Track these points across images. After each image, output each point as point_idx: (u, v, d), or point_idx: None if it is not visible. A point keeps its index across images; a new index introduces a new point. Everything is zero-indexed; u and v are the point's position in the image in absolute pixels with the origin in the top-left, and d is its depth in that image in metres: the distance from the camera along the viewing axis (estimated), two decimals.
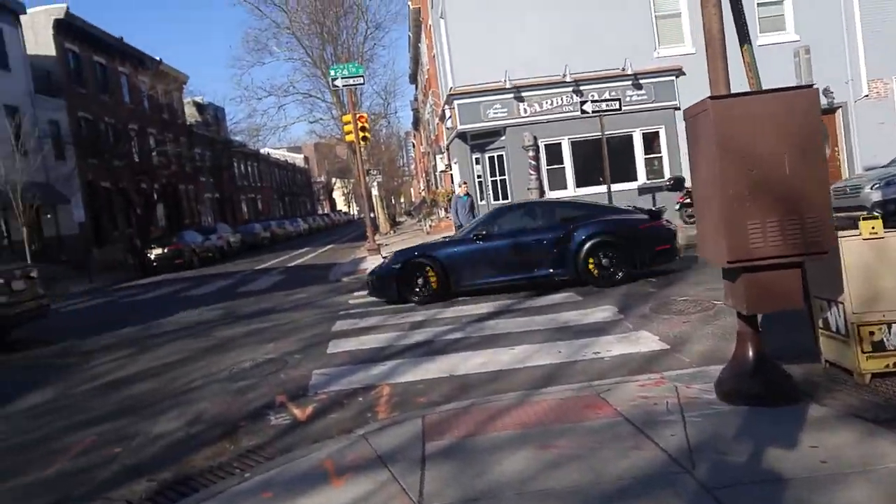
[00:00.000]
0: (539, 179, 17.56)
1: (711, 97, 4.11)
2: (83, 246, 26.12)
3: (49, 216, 25.81)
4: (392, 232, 33.81)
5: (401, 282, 10.25)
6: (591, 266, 9.73)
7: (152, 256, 23.49)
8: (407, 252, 10.97)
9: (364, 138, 18.91)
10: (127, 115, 29.10)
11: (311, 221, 51.87)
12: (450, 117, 17.34)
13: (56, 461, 5.07)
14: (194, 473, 4.62)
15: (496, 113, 17.39)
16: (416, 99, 45.32)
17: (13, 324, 10.74)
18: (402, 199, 73.81)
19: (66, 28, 28.79)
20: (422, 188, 58.61)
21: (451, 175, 22.58)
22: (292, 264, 22.35)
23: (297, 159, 77.22)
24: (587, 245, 9.66)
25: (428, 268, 10.20)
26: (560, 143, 17.83)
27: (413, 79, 41.56)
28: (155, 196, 29.73)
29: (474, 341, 7.51)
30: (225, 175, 44.19)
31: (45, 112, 26.08)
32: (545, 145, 17.70)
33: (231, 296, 14.34)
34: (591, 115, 14.70)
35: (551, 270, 9.96)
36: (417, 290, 10.21)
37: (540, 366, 6.30)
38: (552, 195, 17.91)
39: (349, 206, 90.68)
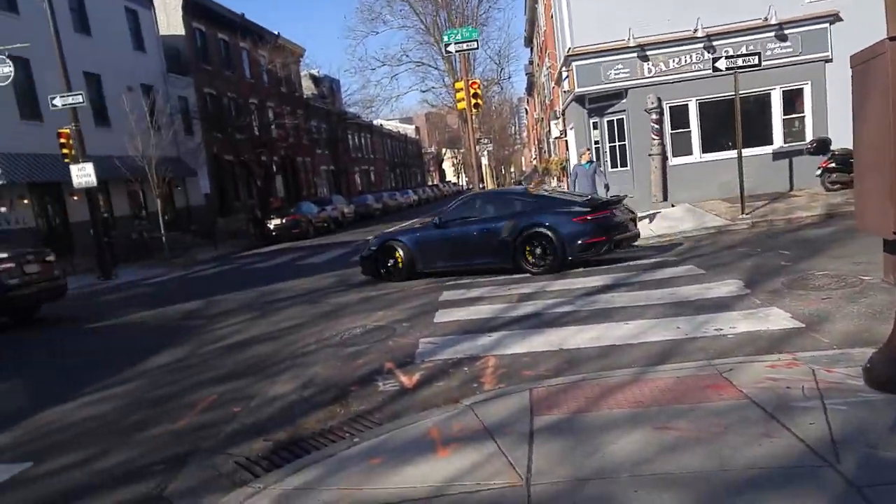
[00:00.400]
0: (662, 144, 16.64)
1: (892, 37, 3.53)
2: (209, 216, 27.91)
3: (179, 188, 27.75)
4: None
5: (377, 261, 11.21)
6: (527, 255, 10.16)
7: (272, 226, 24.69)
8: (383, 236, 11.87)
9: (476, 105, 18.66)
10: (248, 90, 30.57)
11: (420, 193, 52.49)
12: (566, 79, 16.72)
13: (184, 416, 5.37)
14: (307, 435, 4.73)
15: (617, 74, 16.57)
16: (530, 63, 44.32)
17: (29, 304, 11.39)
18: (512, 169, 73.10)
19: (193, 8, 30.51)
20: (533, 157, 57.69)
21: (566, 142, 21.93)
22: None
23: (409, 130, 78.29)
24: (522, 236, 10.12)
25: (397, 251, 11.07)
26: (686, 105, 16.73)
27: (528, 41, 40.57)
28: (274, 168, 31.14)
29: (586, 315, 7.22)
30: (340, 147, 45.58)
31: (175, 89, 27.91)
32: (670, 107, 16.69)
33: (345, 264, 14.76)
34: (724, 72, 13.48)
35: (492, 259, 10.47)
36: (386, 270, 11.16)
37: (656, 342, 5.95)
38: (675, 161, 16.95)
39: (458, 177, 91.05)
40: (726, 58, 13.79)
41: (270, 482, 3.89)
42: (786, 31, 16.26)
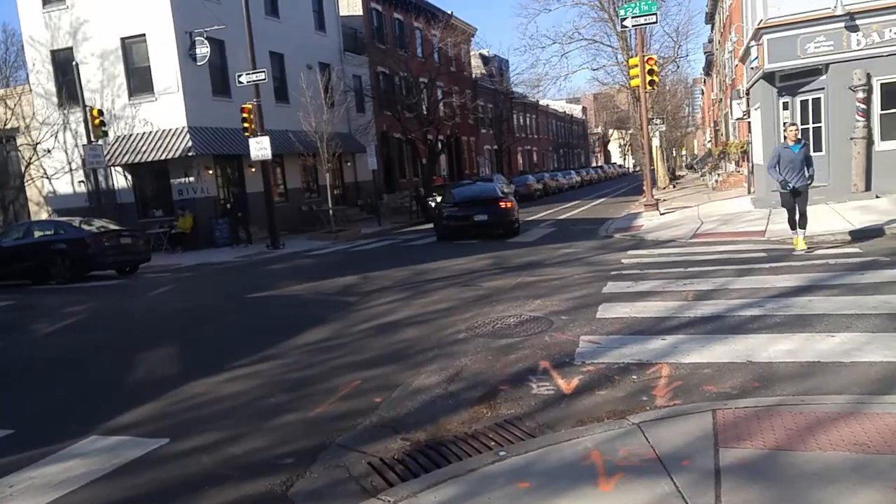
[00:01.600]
0: (868, 127, 14.22)
1: None
2: (375, 192, 28.75)
3: (348, 164, 28.84)
4: (671, 186, 31.26)
5: None
6: None
7: (433, 204, 24.80)
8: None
9: (651, 83, 17.19)
10: (418, 69, 30.96)
11: (583, 174, 50.67)
12: (756, 57, 14.80)
13: (321, 403, 5.12)
14: (447, 439, 4.25)
15: (818, 47, 14.33)
16: (710, 41, 40.75)
17: (119, 265, 15.71)
18: (683, 152, 68.47)
19: None
20: (707, 140, 53.47)
21: (748, 124, 19.67)
22: (562, 217, 21.82)
23: (576, 110, 76.03)
24: None
25: None
26: None
27: (709, 18, 37.21)
28: (439, 147, 31.38)
29: (778, 321, 6.09)
30: (504, 127, 45.16)
31: (350, 68, 28.95)
32: (881, 84, 14.20)
33: (502, 246, 14.27)
34: None
35: None
36: None
37: (875, 363, 4.82)
38: (884, 146, 14.45)
39: (624, 159, 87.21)
40: None
41: (402, 497, 3.43)
42: None
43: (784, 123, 15.05)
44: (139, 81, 21.12)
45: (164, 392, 5.74)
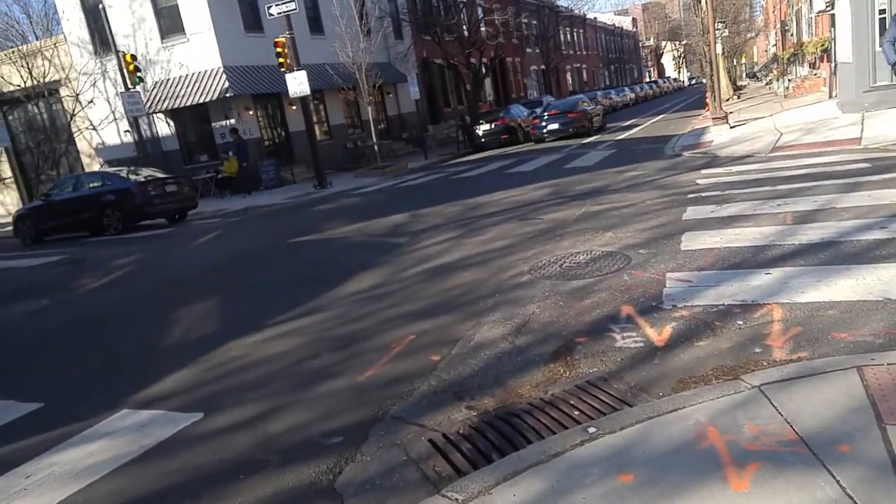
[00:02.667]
0: None
1: None
2: (419, 123, 27.66)
3: (391, 94, 27.71)
4: (735, 97, 29.03)
5: None
6: None
7: (480, 132, 23.64)
8: None
9: None
10: None
11: (637, 90, 48.00)
12: None
13: (372, 364, 4.46)
14: (521, 407, 3.55)
15: None
16: None
17: (166, 213, 15.40)
18: (743, 60, 64.08)
19: None
20: (771, 45, 49.58)
21: (832, 16, 17.53)
22: (620, 137, 20.38)
23: (625, 22, 71.72)
24: None
25: None
26: None
27: None
28: (483, 70, 29.79)
29: None
30: (550, 44, 42.73)
31: None
32: None
33: (559, 172, 13.23)
34: None
35: None
36: None
37: None
38: None
39: (679, 72, 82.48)
40: None
41: (473, 493, 2.73)
42: None
43: (881, 11, 13.22)
44: (170, 22, 20.32)
45: (201, 355, 5.20)
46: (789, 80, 25.70)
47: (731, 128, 15.70)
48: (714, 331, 4.19)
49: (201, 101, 19.43)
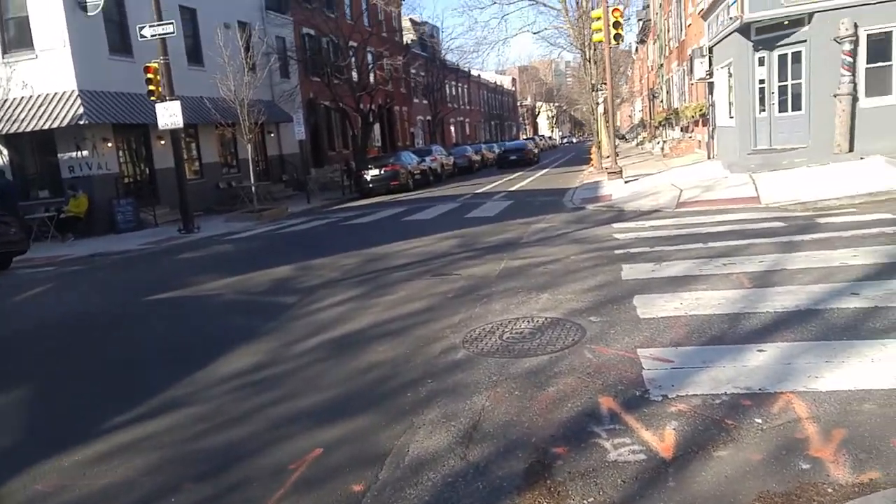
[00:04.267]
0: (853, 82, 12.99)
1: None
2: (302, 166, 26.04)
3: (272, 134, 25.91)
4: (616, 155, 29.95)
5: None
6: None
7: (368, 178, 22.45)
8: None
9: (616, 37, 15.46)
10: (348, 32, 28.10)
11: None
12: (734, 2, 13.23)
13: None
14: None
15: None
16: (645, 7, 39.62)
17: None
18: (619, 122, 68.35)
19: None
20: (637, 110, 53.08)
21: (710, 84, 18.34)
22: (513, 189, 19.97)
23: (505, 81, 74.24)
24: None
25: None
26: (891, 33, 12.93)
27: None
28: (371, 117, 28.84)
29: None
30: (437, 96, 42.80)
31: (272, 28, 25.85)
32: (867, 35, 12.96)
33: (459, 222, 12.23)
34: None
35: None
36: None
37: None
38: (867, 104, 13.27)
39: (552, 131, 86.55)
40: None
41: None
42: None
43: (761, 82, 13.72)
44: (16, 35, 17.56)
45: None
46: (664, 142, 26.89)
47: (626, 182, 15.63)
48: (730, 434, 3.17)
49: (47, 126, 16.74)
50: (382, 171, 22.30)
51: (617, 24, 15.39)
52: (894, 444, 2.93)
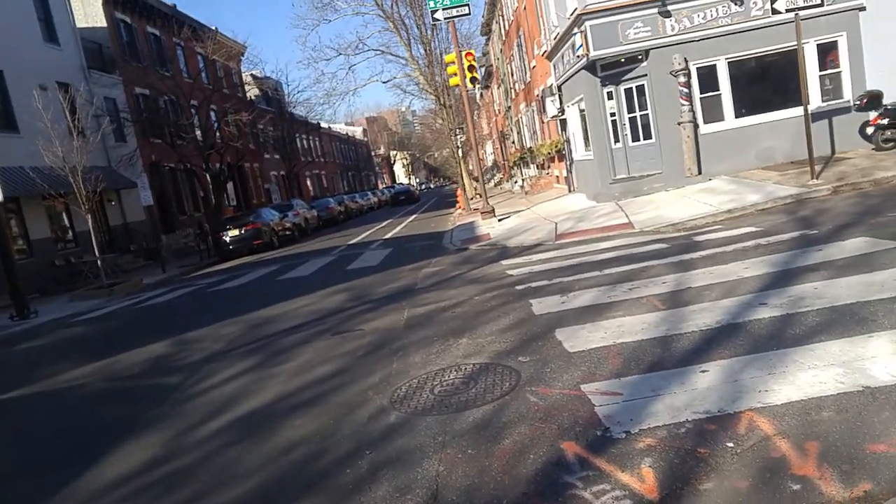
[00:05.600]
0: (692, 111, 14.20)
1: None
2: (152, 233, 24.09)
3: (113, 203, 23.75)
4: (478, 196, 30.75)
5: None
6: None
7: (228, 239, 21.14)
8: None
9: (472, 80, 15.84)
10: (187, 90, 26.71)
11: (378, 195, 49.34)
12: (581, 45, 14.08)
13: None
14: None
15: (637, 33, 14.00)
16: (485, 54, 41.62)
17: None
18: (471, 166, 70.90)
19: None
20: (489, 152, 55.32)
21: (562, 122, 19.34)
22: (387, 236, 19.66)
23: (357, 132, 74.59)
24: None
25: None
26: (715, 66, 14.34)
27: (486, 29, 37.86)
28: (222, 176, 27.46)
29: (820, 319, 4.55)
30: (290, 150, 41.82)
31: (100, 89, 23.90)
32: (697, 69, 14.27)
33: (343, 275, 11.65)
34: (783, 14, 11.39)
35: None
36: None
37: None
38: (706, 129, 14.56)
39: (409, 178, 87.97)
40: None
41: None
42: None
43: (612, 114, 14.59)
44: None
45: None
46: (523, 180, 27.98)
47: (500, 221, 15.88)
48: (708, 463, 3.00)
49: None
50: (243, 231, 21.12)
51: (472, 68, 15.84)
52: (870, 450, 2.87)
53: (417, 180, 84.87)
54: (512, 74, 30.31)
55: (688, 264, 7.10)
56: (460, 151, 28.01)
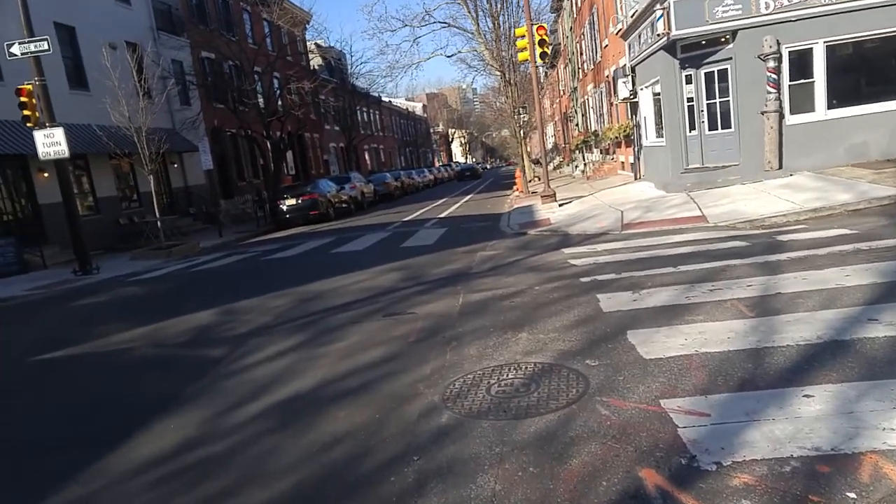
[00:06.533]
0: (779, 99, 13.16)
1: None
2: (211, 197, 24.34)
3: (175, 165, 24.09)
4: (536, 179, 30.06)
5: None
6: None
7: (285, 207, 21.15)
8: None
9: (542, 55, 15.13)
10: (251, 56, 26.71)
11: (436, 172, 48.96)
12: (661, 17, 13.20)
13: None
14: None
15: (726, 11, 12.97)
16: (553, 32, 40.38)
17: None
18: (529, 148, 69.77)
19: None
20: (550, 135, 54.09)
21: (633, 104, 18.42)
22: (443, 215, 19.26)
23: (417, 108, 74.15)
24: None
25: None
26: (811, 50, 13.18)
27: (556, 6, 36.68)
28: (282, 144, 27.53)
29: None
30: (350, 122, 41.74)
31: (167, 51, 24.13)
32: (789, 53, 13.19)
33: (398, 252, 11.31)
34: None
35: None
36: None
37: None
38: (793, 120, 13.48)
39: (466, 157, 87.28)
40: None
41: None
42: None
43: (689, 100, 13.63)
44: None
45: None
46: (585, 164, 27.08)
47: (560, 206, 15.25)
48: None
49: None
50: (300, 201, 21.08)
51: (542, 42, 15.12)
52: None
53: (474, 159, 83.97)
54: (581, 54, 29.22)
55: (774, 266, 6.43)
56: (522, 132, 27.24)
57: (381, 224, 17.98)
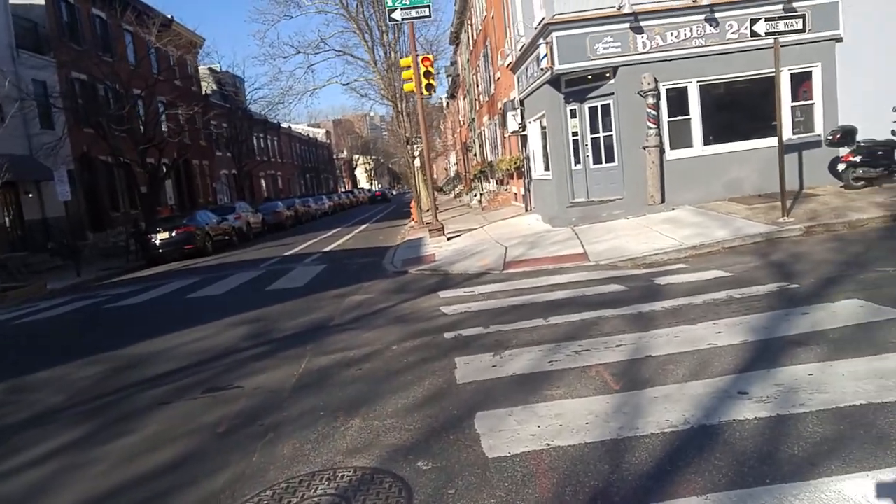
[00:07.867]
0: (659, 135, 13.16)
1: None
2: (71, 230, 22.04)
3: (30, 195, 21.68)
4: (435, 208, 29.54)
5: None
6: None
7: (157, 242, 19.39)
8: None
9: (428, 87, 14.56)
10: (132, 79, 24.72)
11: (335, 199, 47.63)
12: (545, 56, 12.95)
13: None
14: None
15: (606, 48, 12.90)
16: (452, 63, 40.42)
17: None
18: (435, 175, 69.69)
19: None
20: (453, 163, 54.14)
21: (522, 137, 18.20)
22: (329, 248, 18.19)
23: (319, 133, 72.49)
24: None
25: None
26: (686, 88, 13.35)
27: (454, 38, 36.59)
28: (163, 171, 25.59)
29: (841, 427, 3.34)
30: (243, 149, 39.79)
31: (27, 70, 21.86)
32: (667, 90, 13.26)
33: (260, 298, 10.18)
34: (760, 38, 10.44)
35: None
36: None
37: None
38: (673, 155, 13.55)
39: (371, 183, 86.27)
40: (766, 20, 10.48)
41: None
42: (794, 2, 13.31)
43: (574, 133, 13.45)
44: None
45: None
46: (481, 195, 26.81)
47: (449, 239, 14.62)
48: None
49: None
50: (174, 234, 19.39)
51: (428, 74, 14.58)
52: None
53: (379, 185, 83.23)
54: (477, 86, 29.14)
55: (648, 320, 5.90)
56: (417, 161, 26.68)
57: (258, 260, 16.67)
